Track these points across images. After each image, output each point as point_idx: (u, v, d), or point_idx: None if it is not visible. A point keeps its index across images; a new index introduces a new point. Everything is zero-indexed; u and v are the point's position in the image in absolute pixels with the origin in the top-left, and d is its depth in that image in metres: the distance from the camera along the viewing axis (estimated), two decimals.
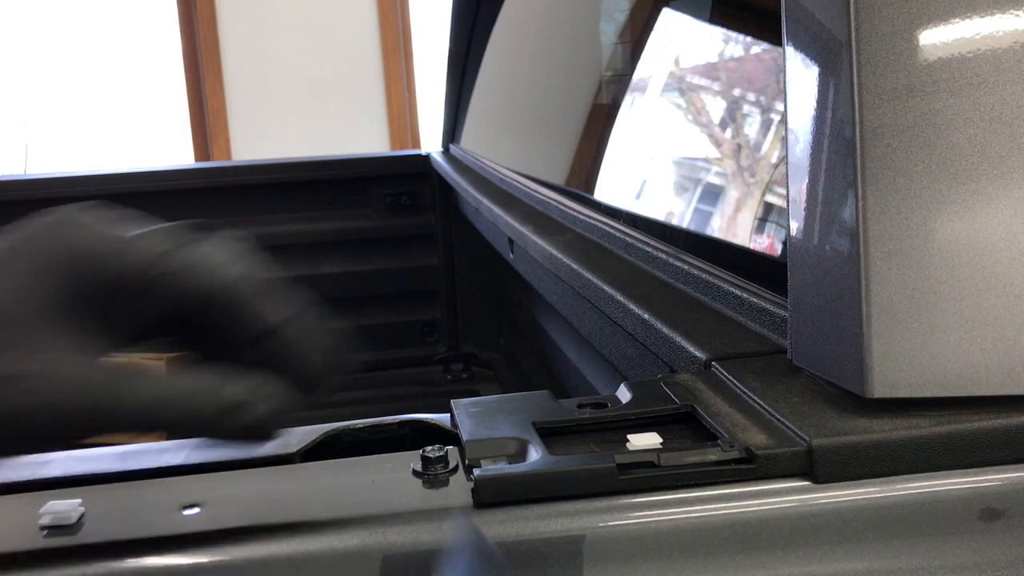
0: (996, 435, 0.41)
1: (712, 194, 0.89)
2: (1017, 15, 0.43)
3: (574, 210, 1.03)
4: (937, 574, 0.40)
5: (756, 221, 0.79)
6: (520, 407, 0.48)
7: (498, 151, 1.65)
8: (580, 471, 0.41)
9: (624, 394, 0.50)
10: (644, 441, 0.43)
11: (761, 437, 0.43)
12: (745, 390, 0.48)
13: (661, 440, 0.43)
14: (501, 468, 0.41)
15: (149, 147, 3.86)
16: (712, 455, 0.42)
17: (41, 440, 0.36)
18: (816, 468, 0.41)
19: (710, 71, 0.98)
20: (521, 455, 0.43)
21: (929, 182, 0.42)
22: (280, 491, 0.43)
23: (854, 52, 0.43)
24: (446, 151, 1.99)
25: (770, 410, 0.45)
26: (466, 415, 0.47)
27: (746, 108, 0.89)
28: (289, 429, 0.48)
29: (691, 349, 0.56)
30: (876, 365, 0.43)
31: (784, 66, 0.49)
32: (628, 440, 0.44)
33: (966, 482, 0.41)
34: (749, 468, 0.41)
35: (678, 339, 0.58)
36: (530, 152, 1.53)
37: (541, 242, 0.96)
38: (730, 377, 0.50)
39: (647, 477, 0.41)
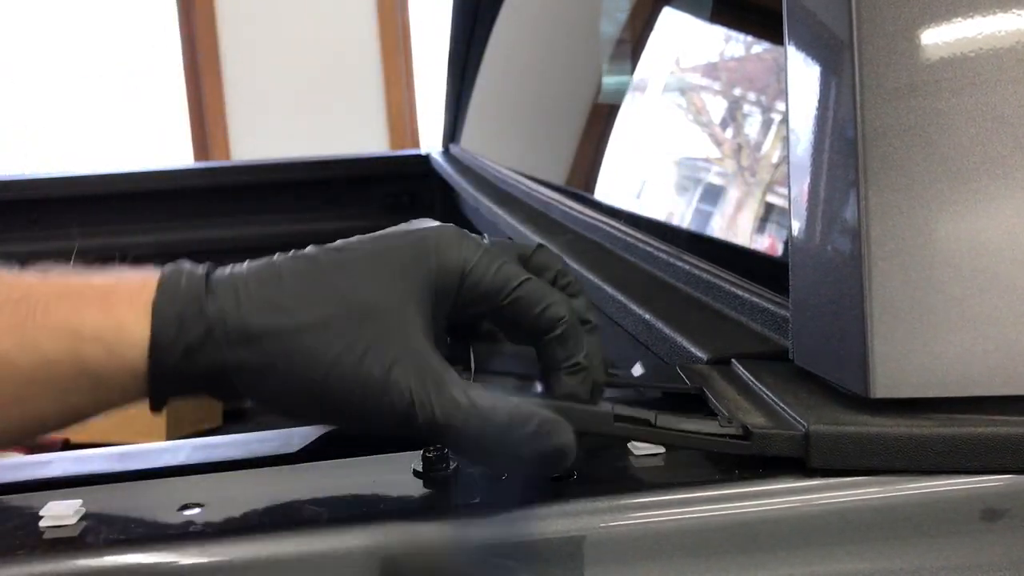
0: (999, 441, 0.41)
1: (713, 194, 0.89)
2: (1019, 15, 0.43)
3: (574, 210, 1.03)
4: (938, 575, 0.40)
5: (757, 221, 0.79)
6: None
7: (498, 151, 1.65)
8: (580, 410, 0.41)
9: (637, 370, 0.51)
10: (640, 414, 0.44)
11: (761, 419, 0.43)
12: (756, 382, 0.48)
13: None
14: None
15: (149, 147, 3.86)
16: (708, 428, 0.42)
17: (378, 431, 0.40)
18: (811, 452, 0.41)
19: (711, 71, 0.98)
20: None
21: (931, 182, 0.42)
22: (280, 491, 0.43)
23: (856, 52, 0.43)
24: (446, 151, 1.99)
25: (775, 399, 0.45)
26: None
27: (747, 108, 0.89)
28: (289, 429, 0.48)
29: (692, 349, 0.56)
30: (878, 365, 0.43)
31: (786, 66, 0.49)
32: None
33: (967, 482, 0.41)
34: (744, 443, 0.42)
35: (679, 339, 0.58)
36: (530, 152, 1.53)
37: (541, 243, 0.96)
38: (744, 371, 0.50)
39: (641, 430, 0.42)
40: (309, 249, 0.42)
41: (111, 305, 0.40)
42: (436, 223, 0.43)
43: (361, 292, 0.39)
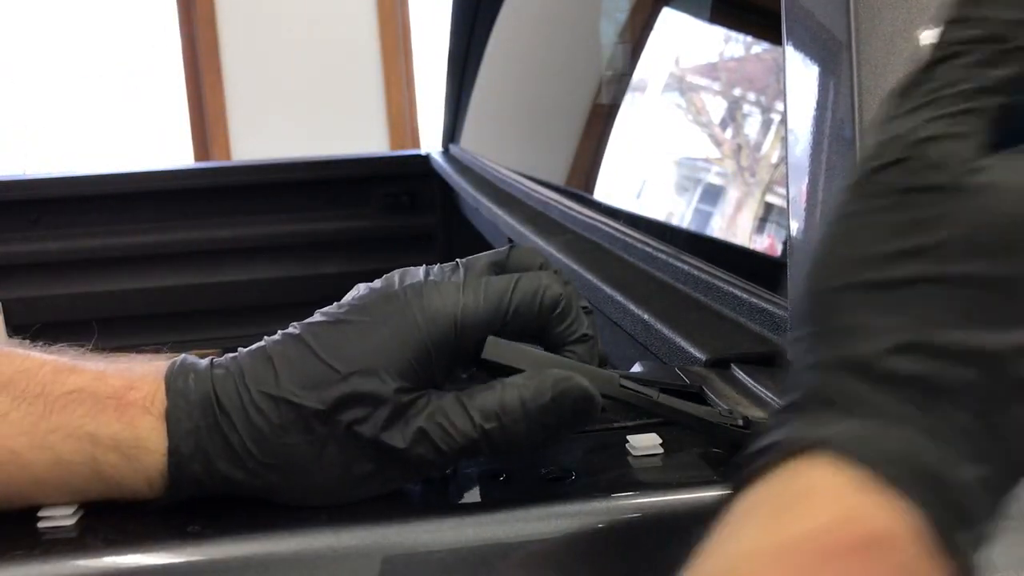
0: None
1: (712, 194, 0.89)
2: None
3: (574, 210, 1.03)
4: None
5: (756, 221, 0.79)
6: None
7: (498, 151, 1.65)
8: (586, 370, 0.41)
9: (636, 369, 0.51)
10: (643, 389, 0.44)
11: (760, 413, 0.44)
12: (754, 383, 0.49)
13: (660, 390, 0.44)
14: None
15: (149, 147, 3.86)
16: (710, 414, 0.43)
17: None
18: None
19: (710, 71, 0.98)
20: None
21: None
22: None
23: (854, 52, 0.43)
24: (446, 151, 1.99)
25: (775, 398, 0.46)
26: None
27: (746, 108, 0.89)
28: None
29: (691, 350, 0.56)
30: None
31: (784, 66, 0.49)
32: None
33: None
34: (744, 431, 0.42)
35: (678, 340, 0.58)
36: (530, 152, 1.53)
37: (541, 242, 0.96)
38: (743, 374, 0.51)
39: (644, 399, 0.42)
40: (294, 328, 0.42)
41: (127, 412, 0.40)
42: (416, 271, 0.43)
43: (355, 365, 0.40)
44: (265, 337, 0.42)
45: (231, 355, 0.42)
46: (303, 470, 0.40)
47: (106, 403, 0.40)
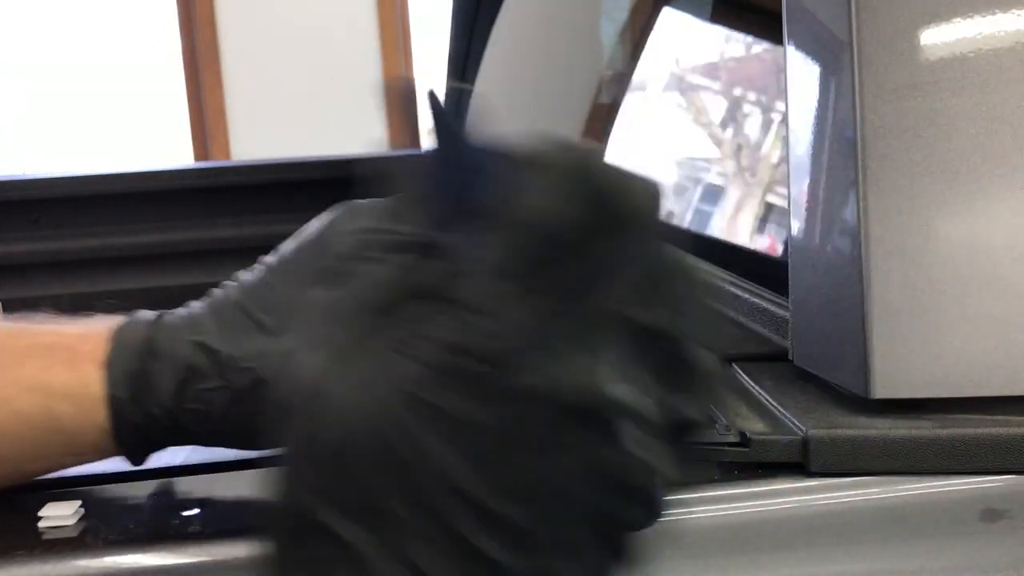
0: (999, 441, 0.41)
1: (713, 194, 0.89)
2: (1018, 15, 0.43)
3: None
4: (937, 575, 0.40)
5: (756, 221, 0.79)
6: None
7: None
8: None
9: None
10: None
11: (759, 425, 0.44)
12: (755, 386, 0.48)
13: None
14: None
15: (148, 147, 3.86)
16: (706, 436, 0.42)
17: None
18: (810, 457, 0.41)
19: (711, 71, 0.98)
20: None
21: (931, 182, 0.42)
22: None
23: (855, 52, 0.43)
24: None
25: (773, 403, 0.45)
26: None
27: (746, 108, 0.89)
28: None
29: None
30: (878, 366, 0.43)
31: (785, 66, 0.49)
32: None
33: (967, 483, 0.41)
34: (743, 451, 0.42)
35: None
36: None
37: None
38: (743, 375, 0.50)
39: None
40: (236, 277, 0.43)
41: (77, 361, 0.40)
42: None
43: (282, 319, 0.40)
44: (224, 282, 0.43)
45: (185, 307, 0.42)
46: (217, 418, 0.40)
47: (59, 355, 0.40)
